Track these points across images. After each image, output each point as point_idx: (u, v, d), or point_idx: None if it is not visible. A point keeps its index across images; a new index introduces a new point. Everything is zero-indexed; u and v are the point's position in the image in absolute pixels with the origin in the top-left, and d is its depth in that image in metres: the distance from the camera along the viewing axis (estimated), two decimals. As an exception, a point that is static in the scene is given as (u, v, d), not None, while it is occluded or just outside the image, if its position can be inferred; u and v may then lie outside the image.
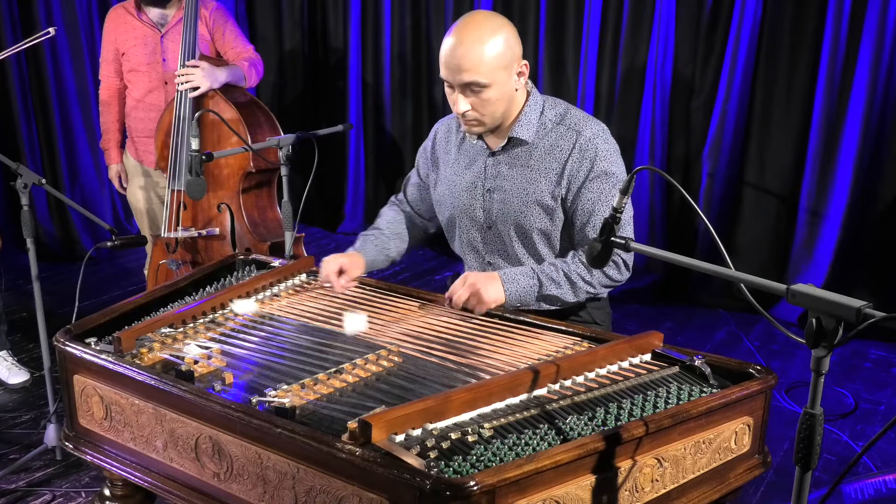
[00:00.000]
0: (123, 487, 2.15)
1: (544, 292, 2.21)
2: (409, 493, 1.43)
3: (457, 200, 2.39)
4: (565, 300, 2.26)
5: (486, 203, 2.34)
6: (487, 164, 2.33)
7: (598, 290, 2.27)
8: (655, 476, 1.67)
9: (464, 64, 2.10)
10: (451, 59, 2.12)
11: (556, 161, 2.24)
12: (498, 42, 2.11)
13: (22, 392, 3.62)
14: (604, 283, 2.25)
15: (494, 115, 2.20)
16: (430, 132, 2.56)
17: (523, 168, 2.27)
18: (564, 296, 2.24)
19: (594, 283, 2.24)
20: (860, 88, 4.09)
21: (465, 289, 2.14)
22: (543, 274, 2.22)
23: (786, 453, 3.17)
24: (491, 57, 2.10)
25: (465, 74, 2.11)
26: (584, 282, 2.23)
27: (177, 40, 3.50)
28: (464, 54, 2.09)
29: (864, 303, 1.29)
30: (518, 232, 2.31)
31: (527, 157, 2.27)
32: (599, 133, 2.24)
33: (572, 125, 2.25)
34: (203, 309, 2.22)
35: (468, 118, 2.21)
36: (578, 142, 2.22)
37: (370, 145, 5.93)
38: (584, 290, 2.24)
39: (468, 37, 2.10)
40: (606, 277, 2.25)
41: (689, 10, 4.48)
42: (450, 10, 5.31)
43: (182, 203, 3.53)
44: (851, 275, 4.31)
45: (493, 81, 2.13)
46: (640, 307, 4.57)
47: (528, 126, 2.26)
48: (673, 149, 4.71)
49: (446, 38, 2.14)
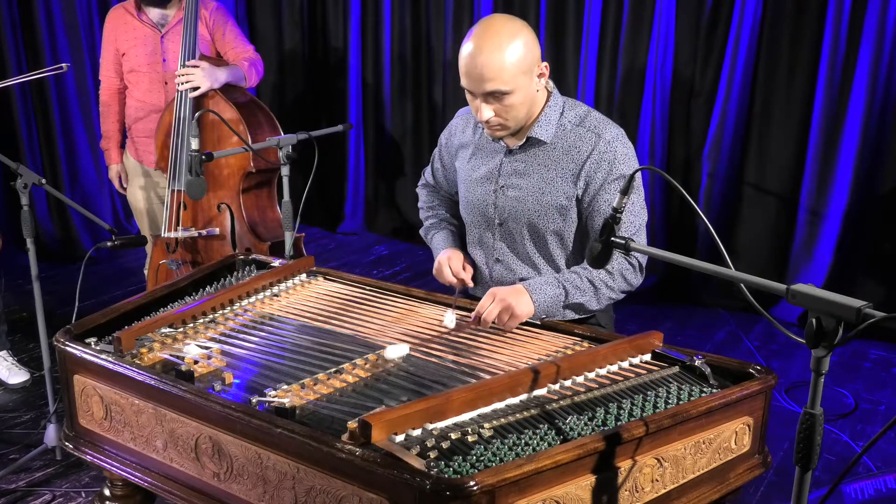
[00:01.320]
0: (123, 487, 2.15)
1: (570, 301, 2.20)
2: (409, 493, 1.43)
3: (470, 195, 2.39)
4: (589, 307, 2.24)
5: (498, 200, 2.33)
6: (503, 162, 2.32)
7: (618, 296, 2.26)
8: (655, 476, 1.67)
9: (486, 73, 2.07)
10: (472, 68, 2.09)
11: (574, 162, 2.23)
12: (517, 47, 2.08)
13: (22, 392, 3.62)
14: (623, 287, 2.24)
15: (518, 118, 2.19)
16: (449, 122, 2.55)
17: (540, 167, 2.26)
18: (589, 303, 2.22)
19: (615, 288, 2.22)
20: (860, 88, 4.09)
21: (495, 304, 2.09)
22: (568, 282, 2.20)
23: (786, 453, 3.17)
24: (512, 63, 2.07)
25: (488, 83, 2.08)
26: (606, 287, 2.21)
27: (177, 40, 3.50)
28: (485, 63, 2.06)
29: (864, 303, 1.29)
30: (531, 231, 2.30)
31: (544, 157, 2.26)
32: (619, 136, 2.23)
33: (592, 127, 2.24)
34: (203, 309, 2.22)
35: (492, 125, 2.19)
36: (598, 144, 2.21)
37: (370, 145, 5.93)
38: (606, 295, 2.22)
39: (487, 44, 2.07)
40: (625, 282, 2.23)
41: (689, 10, 4.48)
42: (450, 11, 5.31)
43: (182, 203, 3.53)
44: (851, 275, 4.31)
45: (515, 87, 2.10)
46: (641, 307, 4.57)
47: (547, 126, 2.25)
48: (673, 149, 4.71)
49: (464, 45, 2.12)
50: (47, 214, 5.41)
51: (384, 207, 6.00)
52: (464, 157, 2.44)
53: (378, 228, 5.98)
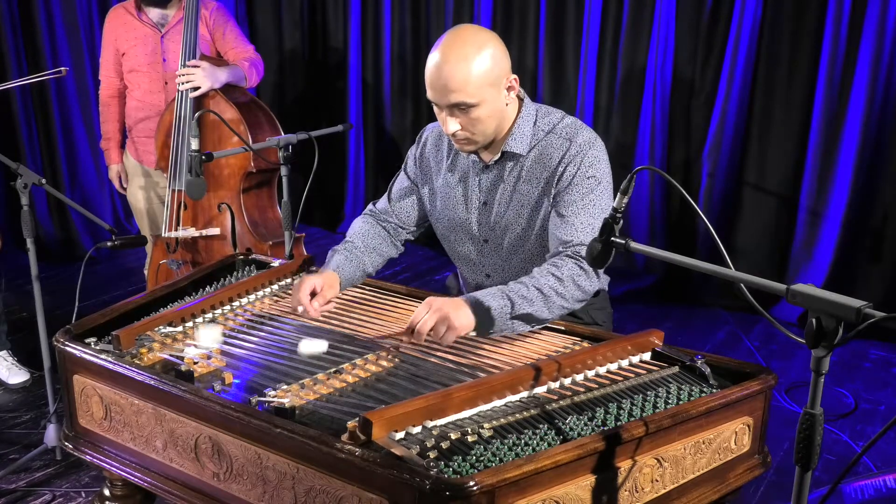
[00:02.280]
0: (123, 487, 2.15)
1: (517, 312, 2.00)
2: (409, 493, 1.43)
3: (451, 213, 2.33)
4: (540, 318, 2.04)
5: (480, 217, 2.28)
6: (482, 178, 2.26)
7: (573, 305, 2.08)
8: (655, 476, 1.67)
9: (450, 84, 2.01)
10: (436, 79, 2.03)
11: (547, 169, 2.17)
12: (484, 59, 2.01)
13: (22, 392, 3.62)
14: (576, 295, 2.06)
15: (486, 132, 2.13)
16: (418, 137, 2.46)
17: (517, 181, 2.21)
18: (539, 313, 2.03)
19: (567, 296, 2.04)
20: (860, 88, 4.09)
21: (431, 315, 1.91)
22: (513, 293, 2.00)
23: (786, 453, 3.17)
24: (477, 75, 2.01)
25: (452, 95, 2.02)
26: (557, 294, 2.02)
27: (177, 40, 3.50)
28: (450, 74, 2.00)
29: (864, 303, 1.29)
30: (517, 244, 2.26)
31: (520, 169, 2.21)
32: (592, 140, 2.17)
33: (563, 133, 2.18)
34: (203, 308, 2.22)
35: (458, 138, 2.13)
36: (569, 149, 2.15)
37: (370, 145, 5.93)
38: (558, 304, 2.04)
39: (453, 55, 2.01)
40: (578, 289, 2.05)
41: (689, 10, 4.47)
42: (450, 11, 5.31)
43: (182, 203, 3.53)
44: (851, 275, 4.31)
45: (481, 100, 2.04)
46: (640, 307, 4.57)
47: (521, 139, 2.19)
48: (673, 149, 4.71)
49: (430, 56, 2.05)
50: (47, 214, 5.40)
51: (384, 207, 6.00)
52: (439, 173, 2.37)
53: (378, 228, 5.98)
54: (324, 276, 2.20)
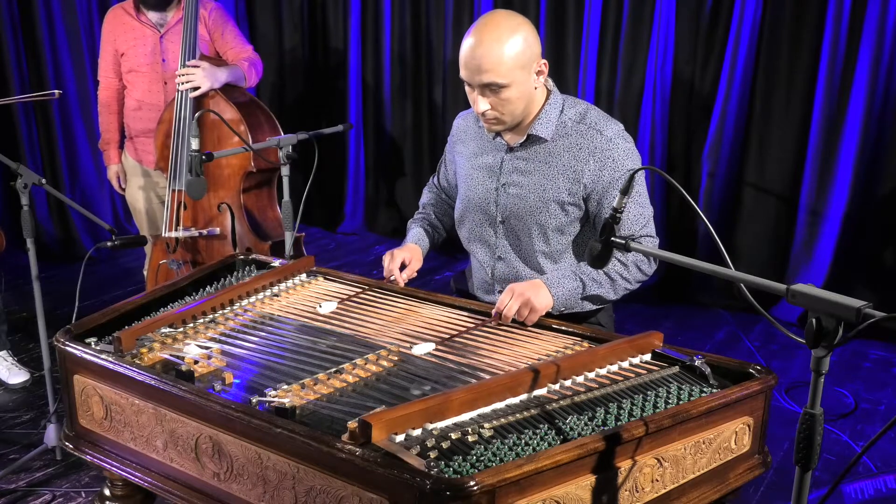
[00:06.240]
0: (123, 487, 2.15)
1: (588, 293, 2.22)
2: (409, 493, 1.43)
3: (471, 193, 2.41)
4: (607, 298, 2.28)
5: (500, 198, 2.35)
6: (505, 160, 2.34)
7: (633, 286, 2.28)
8: (655, 476, 1.67)
9: (483, 64, 2.11)
10: (470, 59, 2.13)
11: (576, 159, 2.24)
12: (517, 41, 2.11)
13: (22, 392, 3.62)
14: (638, 277, 2.27)
15: (514, 113, 2.21)
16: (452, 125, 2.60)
17: (541, 165, 2.28)
18: (606, 294, 2.25)
19: (630, 279, 2.25)
20: (860, 88, 4.09)
21: (514, 300, 2.11)
22: (585, 275, 2.22)
23: (786, 453, 3.17)
24: (510, 57, 2.10)
25: (485, 75, 2.12)
26: (622, 278, 2.24)
27: (176, 40, 3.50)
28: (483, 55, 2.10)
29: (864, 303, 1.29)
30: (533, 228, 2.32)
31: (545, 154, 2.28)
32: (620, 133, 2.26)
33: (592, 124, 2.25)
34: (203, 309, 2.22)
35: (488, 117, 2.22)
36: (600, 142, 2.22)
37: (370, 145, 5.93)
38: (622, 286, 2.26)
39: (487, 37, 2.10)
40: (640, 272, 2.26)
41: (689, 10, 4.48)
42: (450, 10, 5.30)
43: (182, 203, 3.53)
44: (851, 275, 4.31)
45: (512, 81, 2.13)
46: (641, 307, 4.57)
47: (547, 124, 2.27)
48: (673, 149, 4.71)
49: (465, 38, 2.15)
50: (47, 214, 5.40)
51: (384, 207, 6.00)
52: (465, 156, 2.46)
53: (378, 228, 5.98)
54: (409, 250, 2.47)
